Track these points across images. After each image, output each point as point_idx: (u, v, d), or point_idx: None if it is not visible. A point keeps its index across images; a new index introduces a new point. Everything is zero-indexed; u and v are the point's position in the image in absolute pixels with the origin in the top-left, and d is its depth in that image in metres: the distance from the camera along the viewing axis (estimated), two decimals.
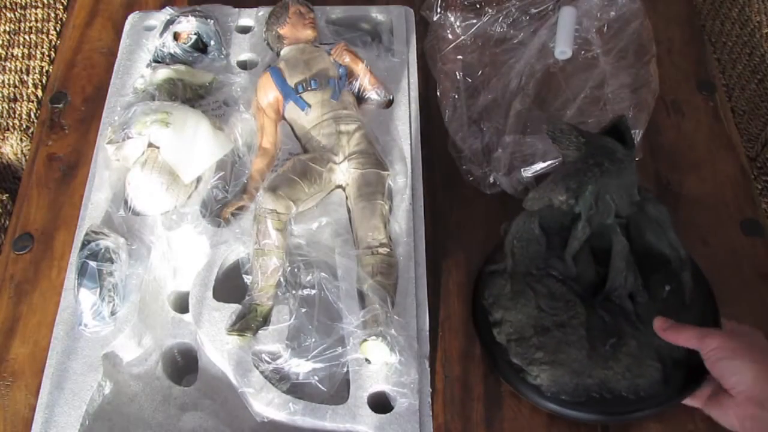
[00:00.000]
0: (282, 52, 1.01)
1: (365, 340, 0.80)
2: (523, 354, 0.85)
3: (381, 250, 0.87)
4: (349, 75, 0.99)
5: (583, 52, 1.10)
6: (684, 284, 0.86)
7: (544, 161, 0.98)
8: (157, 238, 0.89)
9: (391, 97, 1.01)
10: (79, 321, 0.83)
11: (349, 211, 0.91)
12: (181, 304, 0.89)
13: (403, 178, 0.93)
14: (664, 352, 0.82)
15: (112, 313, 0.83)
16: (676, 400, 0.82)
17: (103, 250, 0.84)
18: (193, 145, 0.91)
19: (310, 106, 0.94)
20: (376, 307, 0.82)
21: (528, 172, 0.98)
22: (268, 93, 0.97)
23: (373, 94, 1.00)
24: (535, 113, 1.06)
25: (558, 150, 0.85)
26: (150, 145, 0.92)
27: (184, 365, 0.88)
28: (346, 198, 0.92)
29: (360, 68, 0.99)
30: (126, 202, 0.91)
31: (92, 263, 0.82)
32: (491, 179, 1.00)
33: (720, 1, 1.18)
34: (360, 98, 1.00)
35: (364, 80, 0.99)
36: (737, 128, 1.08)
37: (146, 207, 0.91)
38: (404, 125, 0.98)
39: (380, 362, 0.81)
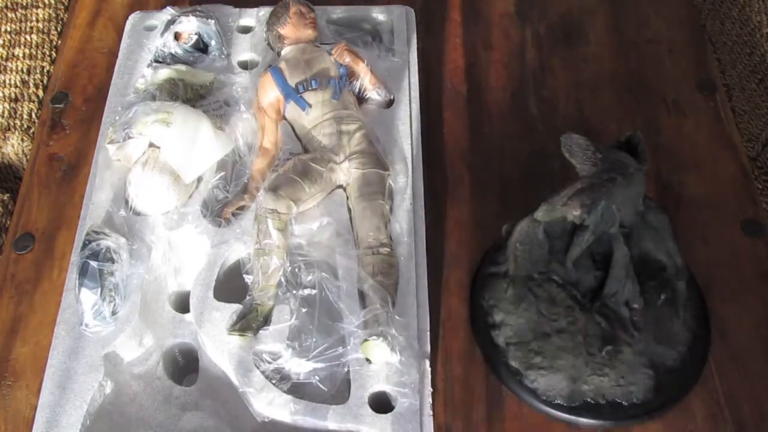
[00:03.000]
0: (283, 52, 1.01)
1: (366, 340, 0.80)
2: (521, 358, 0.85)
3: (381, 250, 0.87)
4: (350, 75, 0.99)
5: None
6: (679, 293, 0.86)
7: None
8: (158, 238, 0.89)
9: (391, 97, 1.01)
10: (80, 321, 0.83)
11: (349, 211, 0.91)
12: (182, 304, 0.89)
13: (403, 178, 0.93)
14: (657, 360, 0.84)
15: (113, 313, 0.83)
16: (667, 407, 0.83)
17: (104, 250, 0.84)
18: (194, 145, 0.91)
19: (310, 106, 0.94)
20: (377, 306, 0.82)
21: None
22: (269, 93, 0.97)
23: (374, 94, 1.00)
24: None
25: (574, 164, 0.84)
26: (151, 145, 0.92)
27: (185, 365, 0.88)
28: (347, 198, 0.92)
29: (361, 68, 0.99)
30: (127, 202, 0.91)
31: (93, 263, 0.83)
32: None
33: (720, 1, 1.17)
34: (361, 98, 1.00)
35: (365, 80, 0.99)
36: (738, 128, 1.08)
37: (147, 207, 0.91)
38: (405, 125, 0.98)
39: (381, 362, 0.81)
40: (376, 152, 0.93)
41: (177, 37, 1.04)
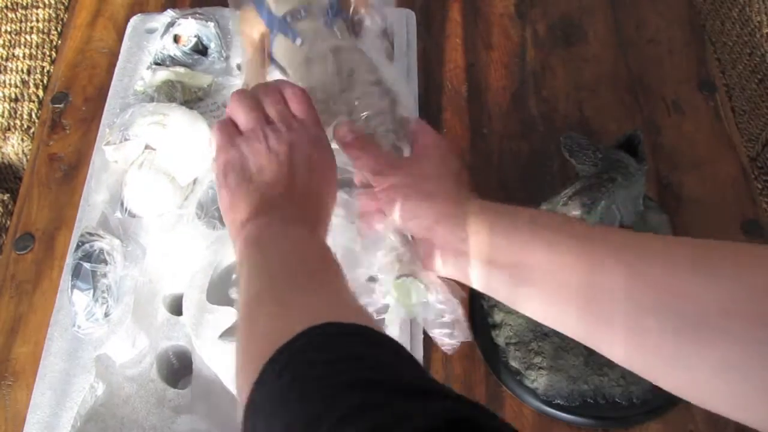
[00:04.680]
0: None
1: (397, 278, 0.71)
2: (522, 358, 0.85)
3: None
4: (342, 3, 0.86)
5: None
6: None
7: None
8: (152, 239, 0.89)
9: (385, 26, 0.93)
10: (72, 322, 0.83)
11: None
12: (176, 307, 0.89)
13: None
14: None
15: (106, 315, 0.84)
16: (667, 407, 0.83)
17: (97, 252, 0.84)
18: (190, 147, 0.92)
19: (301, 37, 0.82)
20: (397, 246, 0.72)
21: None
22: (252, 28, 0.86)
23: (367, 21, 0.91)
24: None
25: (574, 164, 0.84)
26: (147, 146, 0.92)
27: (178, 367, 0.88)
28: None
29: None
30: (122, 203, 0.91)
31: (86, 264, 0.83)
32: None
33: (720, 1, 1.17)
34: (354, 29, 0.88)
35: (358, 4, 0.86)
36: (738, 128, 1.08)
37: (142, 208, 0.91)
38: None
39: (415, 304, 0.72)
40: (382, 81, 0.81)
41: (176, 39, 1.05)
